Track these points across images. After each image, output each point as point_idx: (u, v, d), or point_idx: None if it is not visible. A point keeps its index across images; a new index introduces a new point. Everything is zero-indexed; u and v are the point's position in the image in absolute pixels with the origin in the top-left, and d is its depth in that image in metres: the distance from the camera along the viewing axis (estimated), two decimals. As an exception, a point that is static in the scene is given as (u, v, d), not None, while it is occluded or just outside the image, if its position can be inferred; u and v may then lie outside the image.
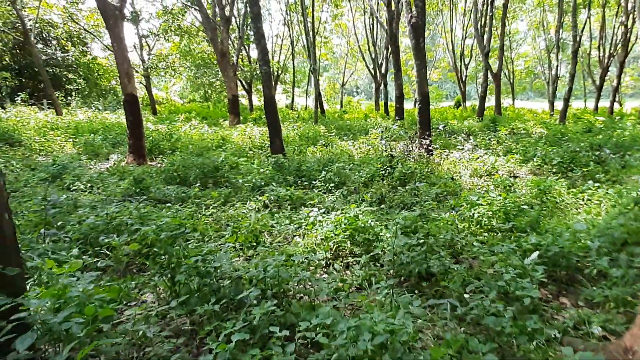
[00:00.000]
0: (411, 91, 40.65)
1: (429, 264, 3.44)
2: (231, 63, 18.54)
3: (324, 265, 3.92)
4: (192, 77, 33.66)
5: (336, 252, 4.20)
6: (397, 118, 17.79)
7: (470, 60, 31.72)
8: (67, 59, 24.30)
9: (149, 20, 23.77)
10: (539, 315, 2.77)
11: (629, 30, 22.29)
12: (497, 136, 12.80)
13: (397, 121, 16.53)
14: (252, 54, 28.05)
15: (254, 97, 29.93)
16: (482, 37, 20.29)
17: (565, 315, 2.94)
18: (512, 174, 8.68)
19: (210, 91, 36.03)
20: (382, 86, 28.86)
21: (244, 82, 27.71)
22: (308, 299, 2.84)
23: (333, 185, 7.30)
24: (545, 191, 6.15)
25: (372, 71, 30.13)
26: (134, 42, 27.08)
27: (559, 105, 25.68)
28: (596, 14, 27.27)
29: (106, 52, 24.69)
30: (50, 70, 22.87)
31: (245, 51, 27.11)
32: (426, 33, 15.45)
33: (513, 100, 36.41)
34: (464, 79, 31.03)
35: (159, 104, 30.92)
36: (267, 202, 6.16)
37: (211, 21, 17.70)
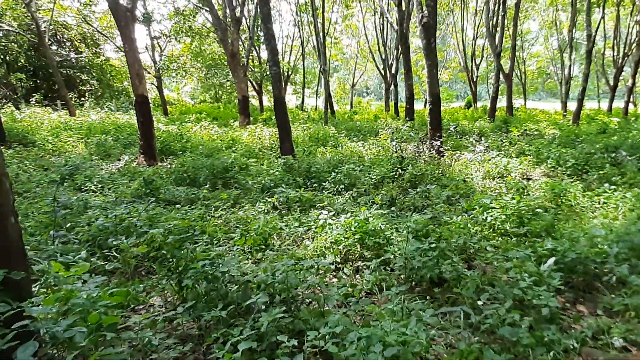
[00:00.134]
0: (421, 92, 40.39)
1: (441, 269, 3.36)
2: (241, 64, 18.59)
3: (334, 270, 3.87)
4: (203, 78, 33.85)
5: (346, 256, 4.14)
6: (407, 119, 17.68)
7: (481, 61, 31.38)
8: (81, 61, 24.60)
9: (161, 22, 23.84)
10: (556, 323, 2.68)
11: (644, 29, 21.85)
12: (509, 137, 12.61)
13: (407, 122, 16.42)
14: (263, 54, 28.10)
15: (264, 97, 29.98)
16: (494, 37, 20.05)
17: (583, 324, 2.84)
18: (525, 176, 8.53)
19: (220, 92, 36.22)
20: (392, 87, 28.66)
21: (254, 83, 27.77)
22: (317, 305, 2.79)
23: (343, 187, 7.24)
24: (560, 194, 6.02)
25: (382, 72, 29.99)
26: (145, 44, 27.32)
27: (571, 105, 25.31)
28: (610, 13, 26.79)
29: (119, 54, 24.93)
30: (64, 72, 23.16)
31: (255, 52, 27.17)
32: (437, 33, 15.31)
33: (525, 100, 35.95)
34: (475, 79, 30.70)
35: (170, 104, 31.15)
36: (277, 204, 6.12)
37: (222, 22, 17.77)
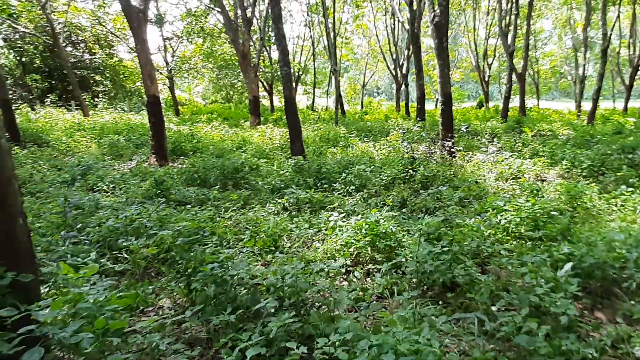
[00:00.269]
0: (432, 92, 40.08)
1: (454, 273, 3.30)
2: (252, 64, 18.64)
3: (344, 272, 3.82)
4: (214, 79, 34.06)
5: (356, 259, 4.09)
6: (418, 119, 17.54)
7: (493, 60, 31.01)
8: (95, 62, 24.93)
9: (173, 23, 24.08)
10: (574, 331, 2.60)
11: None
12: (522, 138, 12.42)
13: (418, 122, 16.30)
14: (273, 55, 28.15)
15: (274, 98, 30.05)
16: (507, 36, 19.78)
17: (602, 332, 2.76)
18: (539, 178, 8.38)
19: (231, 92, 36.40)
20: (403, 87, 28.55)
21: (264, 83, 27.85)
22: (327, 309, 2.75)
23: (353, 188, 7.19)
24: (576, 196, 5.89)
25: (393, 72, 29.83)
26: (158, 45, 27.63)
27: (585, 105, 24.87)
28: (626, 11, 26.24)
29: (132, 55, 25.22)
30: (78, 73, 23.49)
31: (266, 52, 27.23)
32: (448, 32, 15.16)
33: (538, 100, 35.45)
34: (487, 79, 30.36)
35: (182, 105, 31.39)
36: (287, 205, 6.10)
37: (233, 23, 17.84)
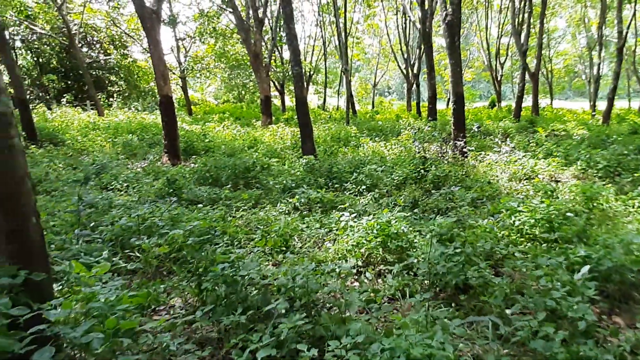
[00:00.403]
0: (443, 91, 39.76)
1: (467, 275, 3.25)
2: (264, 64, 18.69)
3: (355, 273, 3.80)
4: (226, 78, 34.28)
5: (368, 259, 4.06)
6: (429, 119, 17.38)
7: (505, 59, 30.63)
8: (109, 62, 25.28)
9: (186, 23, 24.36)
10: (591, 337, 2.53)
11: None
12: (535, 138, 12.22)
13: (429, 122, 16.16)
14: (285, 55, 28.25)
15: (286, 97, 30.13)
16: (519, 35, 19.51)
17: (620, 337, 2.68)
18: (554, 179, 8.24)
19: (243, 92, 36.59)
20: (414, 86, 28.37)
21: (276, 83, 27.94)
22: (338, 311, 2.73)
23: (365, 187, 7.15)
24: (592, 198, 5.77)
25: (404, 71, 29.67)
26: (171, 45, 27.91)
27: (600, 105, 24.41)
28: (642, 10, 25.66)
29: (145, 55, 25.48)
30: (94, 73, 23.87)
31: (278, 52, 27.32)
32: (460, 31, 14.99)
33: (551, 100, 34.90)
34: (499, 78, 29.97)
35: (195, 104, 31.67)
36: (298, 205, 6.09)
37: (245, 23, 17.91)
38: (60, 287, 2.80)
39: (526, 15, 19.01)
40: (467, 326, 2.64)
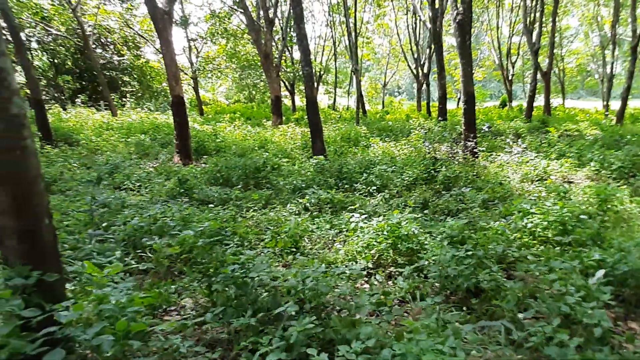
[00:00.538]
0: (454, 91, 39.44)
1: (479, 278, 3.21)
2: (274, 64, 18.74)
3: (365, 275, 3.79)
4: (237, 79, 34.47)
5: (378, 261, 4.05)
6: (439, 119, 17.26)
7: (517, 59, 30.26)
8: (123, 63, 25.58)
9: (197, 24, 24.50)
10: (607, 343, 2.48)
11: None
12: (547, 138, 12.05)
13: (440, 122, 16.05)
14: (295, 55, 28.27)
15: (296, 97, 30.18)
16: (531, 34, 19.26)
17: (636, 344, 2.62)
18: (566, 180, 8.12)
19: (254, 92, 36.77)
20: (424, 86, 28.21)
21: (286, 83, 28.00)
22: (348, 314, 2.72)
23: (375, 188, 7.13)
24: (606, 199, 5.67)
25: (414, 71, 29.54)
26: (183, 46, 28.17)
27: (613, 104, 23.96)
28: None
29: (158, 56, 25.75)
30: (107, 74, 24.16)
31: (288, 52, 27.37)
32: (471, 31, 14.83)
33: (563, 99, 34.38)
34: (510, 77, 29.64)
35: (206, 104, 31.87)
36: (308, 205, 6.10)
37: (255, 23, 17.98)
38: (73, 287, 2.84)
39: (538, 13, 18.78)
40: (478, 331, 2.61)
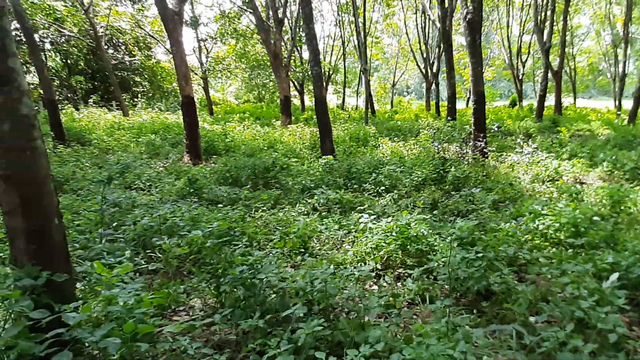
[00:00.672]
0: (463, 90, 39.13)
1: (489, 281, 3.17)
2: (283, 64, 18.77)
3: (374, 276, 3.77)
4: (247, 79, 34.64)
5: (387, 262, 4.02)
6: (449, 118, 17.12)
7: (527, 58, 29.92)
8: (134, 63, 25.84)
9: (207, 25, 24.63)
10: (622, 348, 2.43)
11: None
12: (558, 138, 11.89)
13: (449, 122, 15.92)
14: (304, 55, 28.29)
15: (305, 97, 30.20)
16: (542, 33, 19.03)
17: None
18: (578, 180, 8.01)
19: (263, 92, 36.91)
20: (433, 86, 28.04)
21: (295, 83, 28.03)
22: (357, 316, 2.71)
23: (384, 188, 7.10)
24: (620, 201, 5.57)
25: (423, 70, 29.40)
26: (193, 46, 28.36)
27: (626, 104, 23.58)
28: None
29: (168, 56, 25.96)
30: (119, 74, 24.44)
31: (297, 52, 27.40)
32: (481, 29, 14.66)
33: (574, 99, 33.93)
34: (520, 77, 29.31)
35: (216, 104, 32.04)
36: (317, 205, 6.09)
37: (265, 23, 18.02)
38: (83, 287, 2.86)
39: (549, 12, 18.57)
40: (489, 335, 2.57)
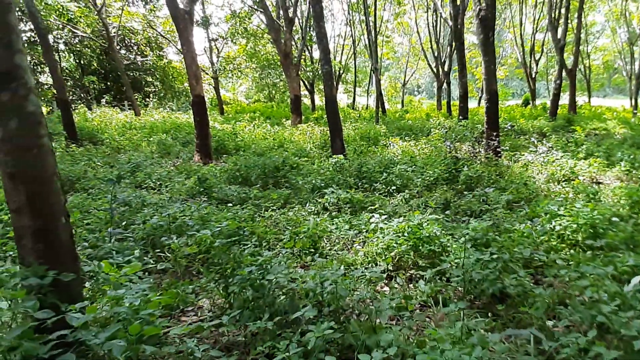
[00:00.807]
0: (474, 89, 38.69)
1: (504, 283, 3.08)
2: (294, 63, 18.75)
3: (385, 277, 3.69)
4: (257, 78, 34.74)
5: (398, 263, 3.95)
6: (460, 117, 16.91)
7: (540, 56, 29.42)
8: (146, 63, 26.12)
9: (218, 25, 24.78)
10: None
11: None
12: (573, 137, 11.65)
13: (461, 121, 15.73)
14: (315, 54, 28.25)
15: (315, 96, 30.15)
16: (556, 31, 18.68)
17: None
18: (595, 180, 7.82)
19: (274, 91, 36.96)
20: (444, 85, 27.75)
21: (306, 82, 27.98)
22: (368, 318, 2.64)
23: (395, 188, 7.02)
24: (639, 201, 5.41)
25: (434, 69, 29.12)
26: (204, 46, 28.54)
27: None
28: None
29: (180, 56, 26.14)
30: (131, 74, 24.72)
31: (307, 51, 27.37)
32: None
33: (589, 97, 33.25)
34: (533, 75, 28.81)
35: (226, 104, 32.18)
36: (327, 205, 6.03)
37: (275, 23, 18.02)
38: (91, 287, 2.84)
39: (563, 9, 18.23)
40: (505, 339, 2.49)
